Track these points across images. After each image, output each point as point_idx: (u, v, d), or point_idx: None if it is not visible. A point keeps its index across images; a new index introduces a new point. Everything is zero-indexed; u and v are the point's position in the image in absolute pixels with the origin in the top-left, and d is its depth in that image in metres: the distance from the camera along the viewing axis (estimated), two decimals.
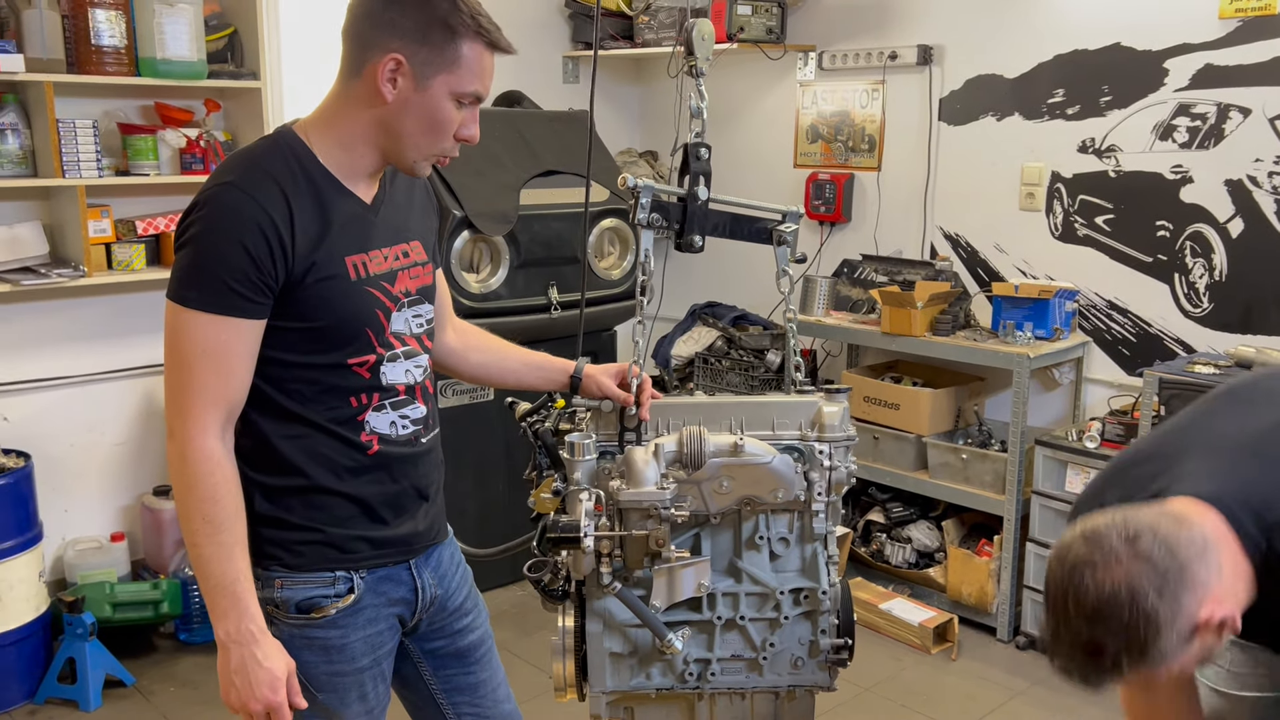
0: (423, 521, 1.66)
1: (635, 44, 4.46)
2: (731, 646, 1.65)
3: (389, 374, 1.57)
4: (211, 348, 1.43)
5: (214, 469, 1.44)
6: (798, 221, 1.79)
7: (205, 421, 1.44)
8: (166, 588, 3.33)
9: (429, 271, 1.66)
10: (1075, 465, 3.26)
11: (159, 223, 3.46)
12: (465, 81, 1.47)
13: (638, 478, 1.51)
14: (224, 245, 1.41)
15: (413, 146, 1.50)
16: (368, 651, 1.61)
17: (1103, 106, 3.47)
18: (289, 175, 1.47)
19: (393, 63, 1.45)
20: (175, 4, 3.24)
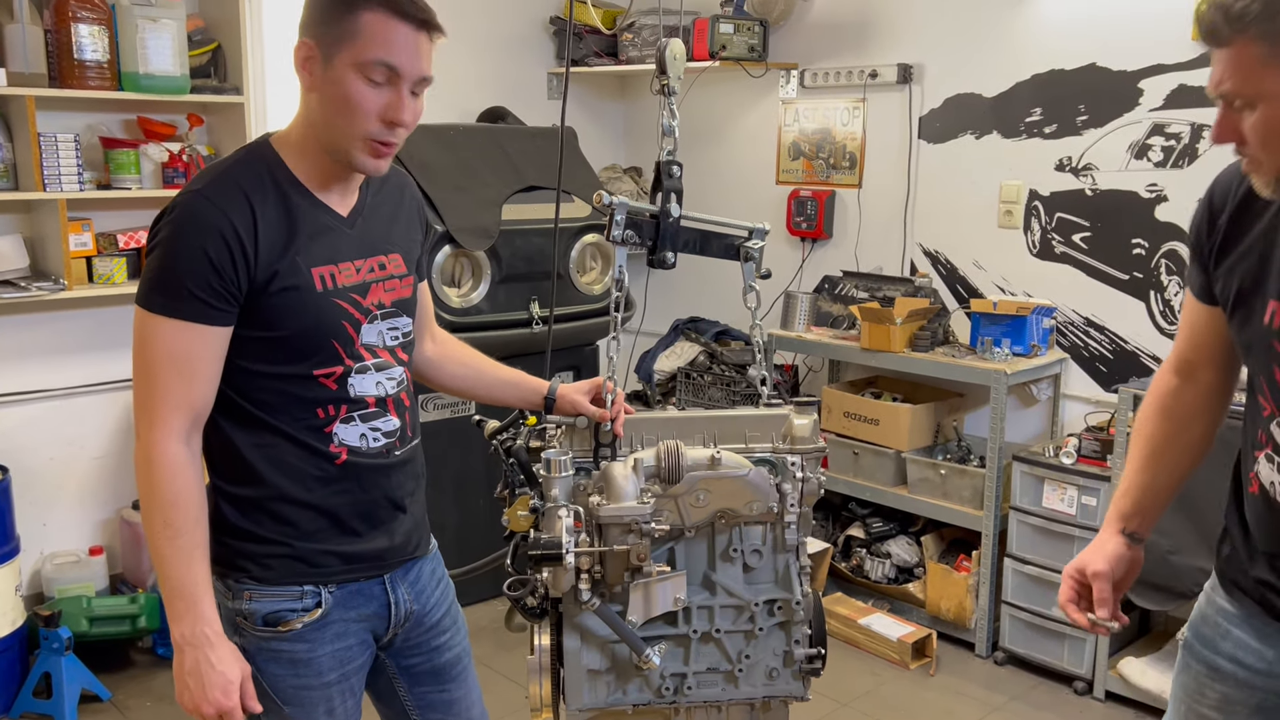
0: (398, 535, 1.65)
1: (619, 61, 4.49)
2: (707, 659, 1.66)
3: (357, 386, 1.57)
4: (175, 353, 1.44)
5: (176, 474, 1.45)
6: (764, 238, 1.81)
7: (170, 426, 1.45)
8: (145, 602, 3.31)
9: (409, 284, 1.65)
10: (1052, 481, 3.28)
11: (140, 236, 3.46)
12: (367, 50, 1.42)
13: (618, 493, 1.52)
14: (187, 252, 1.42)
15: (336, 132, 1.47)
16: (335, 666, 1.60)
17: (1079, 126, 3.52)
18: (257, 185, 1.48)
19: (304, 48, 1.46)
20: (158, 19, 3.25)
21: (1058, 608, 1.63)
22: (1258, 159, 1.27)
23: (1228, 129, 1.27)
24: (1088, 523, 3.21)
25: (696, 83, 4.40)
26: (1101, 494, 3.17)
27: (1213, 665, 1.54)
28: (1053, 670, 3.37)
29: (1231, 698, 1.52)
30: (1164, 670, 3.13)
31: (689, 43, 4.12)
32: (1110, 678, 3.23)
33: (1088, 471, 3.21)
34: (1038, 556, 3.35)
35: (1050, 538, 3.31)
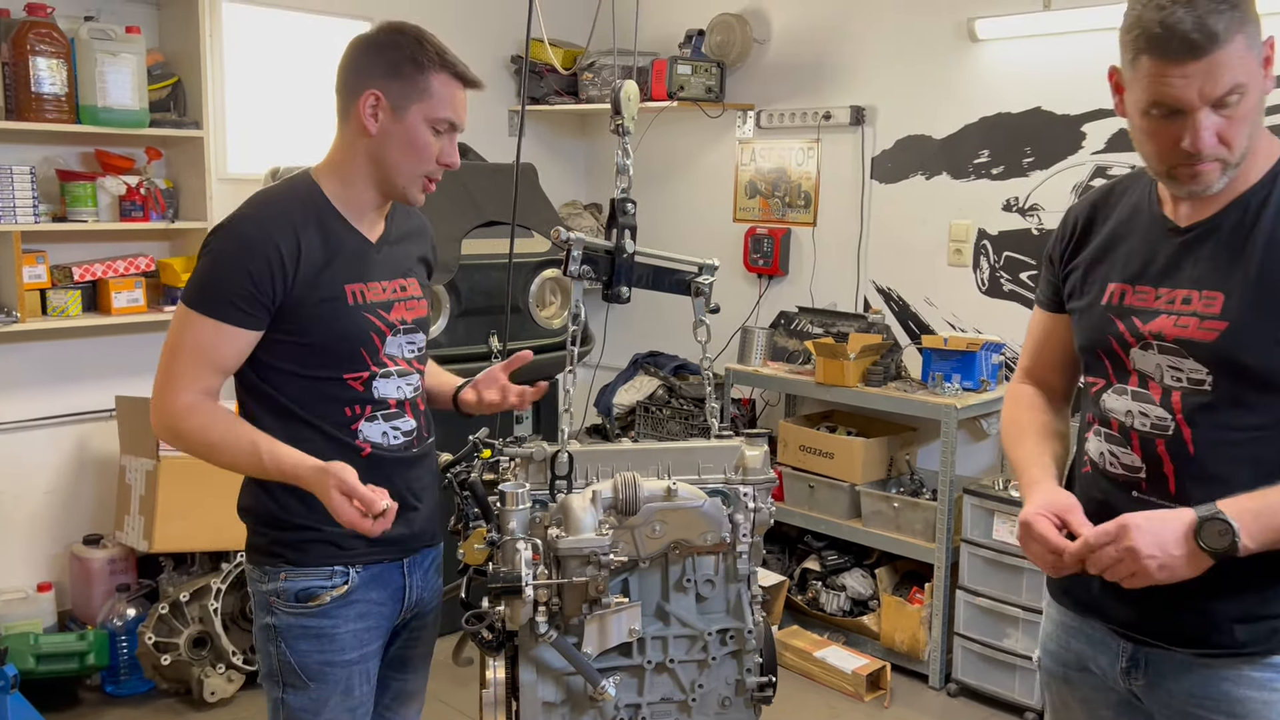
0: (416, 523, 1.82)
1: (579, 100, 4.56)
2: (661, 689, 1.67)
3: (381, 388, 1.76)
4: (200, 344, 1.65)
5: (192, 410, 1.65)
6: (713, 274, 1.86)
7: (181, 391, 1.65)
8: (94, 639, 3.26)
9: (424, 306, 1.86)
10: (1002, 514, 3.34)
11: (96, 269, 3.45)
12: (437, 109, 1.70)
13: (577, 525, 1.53)
14: (231, 265, 1.65)
15: (399, 172, 1.72)
16: (356, 646, 1.75)
17: (1025, 167, 3.62)
18: (301, 212, 1.70)
19: (372, 98, 1.68)
20: (118, 53, 3.27)
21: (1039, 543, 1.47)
22: (1228, 151, 1.37)
23: (1211, 130, 1.36)
24: None
25: (655, 122, 4.48)
26: None
27: (1064, 678, 1.64)
28: (1004, 701, 3.41)
29: (1092, 700, 1.60)
30: None
31: (647, 83, 4.20)
32: None
33: None
34: (989, 588, 3.40)
35: (1000, 570, 3.37)
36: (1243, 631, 1.42)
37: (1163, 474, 1.46)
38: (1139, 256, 1.52)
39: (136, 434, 3.41)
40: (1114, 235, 1.57)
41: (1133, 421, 1.49)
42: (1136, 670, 1.52)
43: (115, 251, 3.55)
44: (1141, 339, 1.48)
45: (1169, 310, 1.46)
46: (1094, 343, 1.55)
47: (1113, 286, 1.53)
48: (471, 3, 4.44)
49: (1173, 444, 1.45)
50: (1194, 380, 1.43)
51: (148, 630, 3.23)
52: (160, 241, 3.70)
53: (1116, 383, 1.52)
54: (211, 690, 3.25)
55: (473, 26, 4.43)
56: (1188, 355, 1.43)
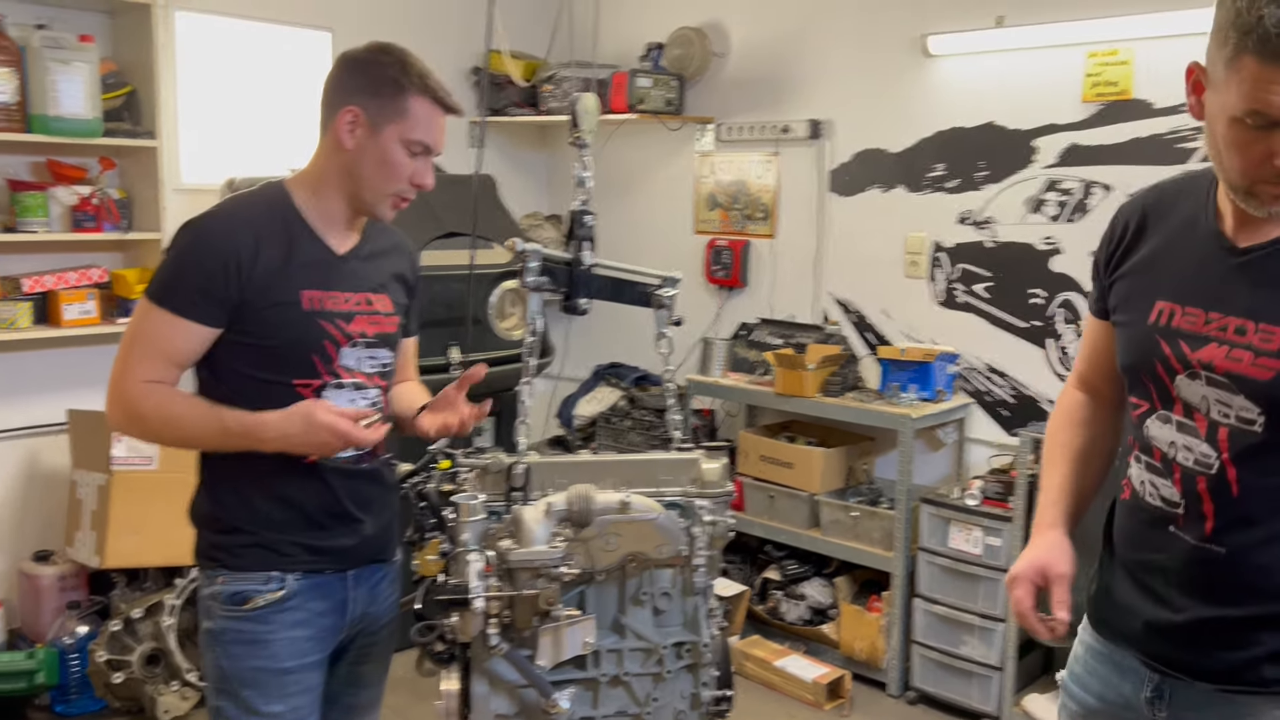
0: (363, 535, 1.81)
1: (539, 111, 4.56)
2: (616, 703, 1.67)
3: (332, 399, 1.74)
4: (158, 335, 1.68)
5: (149, 390, 1.67)
6: (675, 287, 1.88)
7: (136, 377, 1.68)
8: (43, 657, 3.20)
9: (393, 322, 1.85)
10: (958, 523, 3.39)
11: (47, 280, 3.39)
12: (413, 130, 1.72)
13: (529, 537, 1.54)
14: (189, 261, 1.68)
15: (369, 188, 1.74)
16: (293, 655, 1.74)
17: (979, 181, 3.68)
18: (266, 218, 1.73)
19: (350, 115, 1.71)
20: (70, 62, 3.22)
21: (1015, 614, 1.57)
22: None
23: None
24: (993, 563, 3.31)
25: (616, 134, 4.49)
26: (1005, 534, 3.28)
27: (1083, 703, 1.60)
28: (962, 708, 3.45)
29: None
30: None
31: (607, 95, 4.21)
32: (1015, 714, 3.32)
33: (992, 513, 3.32)
34: (945, 596, 3.44)
35: (957, 577, 3.41)
36: (1271, 670, 1.38)
37: (1202, 513, 1.39)
38: (1190, 274, 1.41)
39: (88, 448, 3.35)
40: (1165, 247, 1.46)
41: (1175, 454, 1.41)
42: (1160, 701, 1.47)
43: (67, 263, 3.50)
44: (1189, 367, 1.38)
45: (1220, 339, 1.36)
46: (1138, 364, 1.46)
47: (1161, 305, 1.43)
48: (431, 14, 4.43)
49: (1215, 483, 1.37)
50: (1243, 419, 1.34)
51: (99, 648, 3.17)
52: (113, 252, 3.64)
53: (1160, 409, 1.44)
54: (165, 708, 3.19)
55: (432, 37, 4.42)
56: (1239, 391, 1.34)
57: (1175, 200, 1.48)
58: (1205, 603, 1.40)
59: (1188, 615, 1.42)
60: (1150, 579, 1.47)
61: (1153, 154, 3.29)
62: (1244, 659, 1.39)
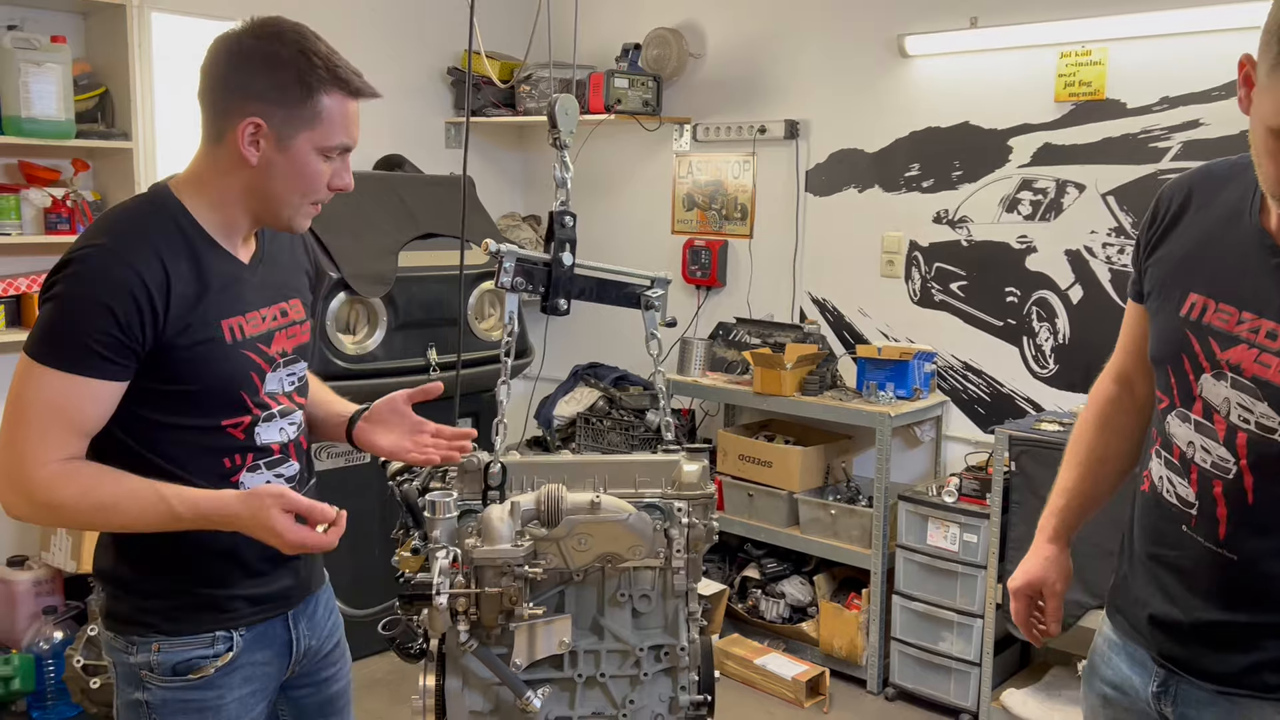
0: (303, 571, 1.68)
1: (517, 112, 4.56)
2: (592, 704, 1.66)
3: (263, 434, 1.58)
4: (61, 404, 1.40)
5: (61, 477, 1.41)
6: (665, 287, 1.88)
7: (44, 462, 1.41)
8: (18, 663, 3.17)
9: (306, 329, 1.67)
10: (935, 519, 3.41)
11: (20, 283, 3.36)
12: (329, 136, 1.48)
13: (493, 535, 1.53)
14: (89, 307, 1.39)
15: (285, 205, 1.51)
16: (241, 713, 1.59)
17: (954, 180, 3.71)
18: (165, 238, 1.46)
19: (251, 127, 1.45)
20: (43, 63, 3.20)
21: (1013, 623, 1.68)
22: None
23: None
24: (970, 559, 3.34)
25: (593, 135, 4.50)
26: (982, 531, 3.31)
27: (1101, 694, 1.61)
28: (940, 704, 3.47)
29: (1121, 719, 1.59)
30: (1043, 700, 3.26)
31: (585, 96, 4.22)
32: (993, 709, 3.34)
33: (969, 510, 3.35)
34: (924, 593, 3.47)
35: (935, 574, 3.44)
36: (1273, 677, 1.39)
37: (1215, 517, 1.38)
38: (1228, 269, 1.37)
39: None
40: (1205, 235, 1.42)
41: (1194, 454, 1.40)
42: (1166, 696, 1.48)
43: (41, 265, 3.47)
44: (1216, 366, 1.36)
45: (1251, 340, 1.32)
46: (1165, 357, 1.44)
47: (1194, 297, 1.39)
48: (406, 15, 4.42)
49: (1231, 488, 1.36)
50: (1264, 426, 1.31)
51: (76, 653, 3.15)
52: None
53: (1180, 406, 1.42)
54: None
55: (410, 38, 4.41)
56: (1263, 398, 1.31)
57: (1223, 186, 1.43)
58: (1213, 605, 1.40)
59: (1195, 616, 1.42)
60: (1163, 575, 1.47)
61: (1125, 153, 3.33)
62: (1247, 663, 1.39)
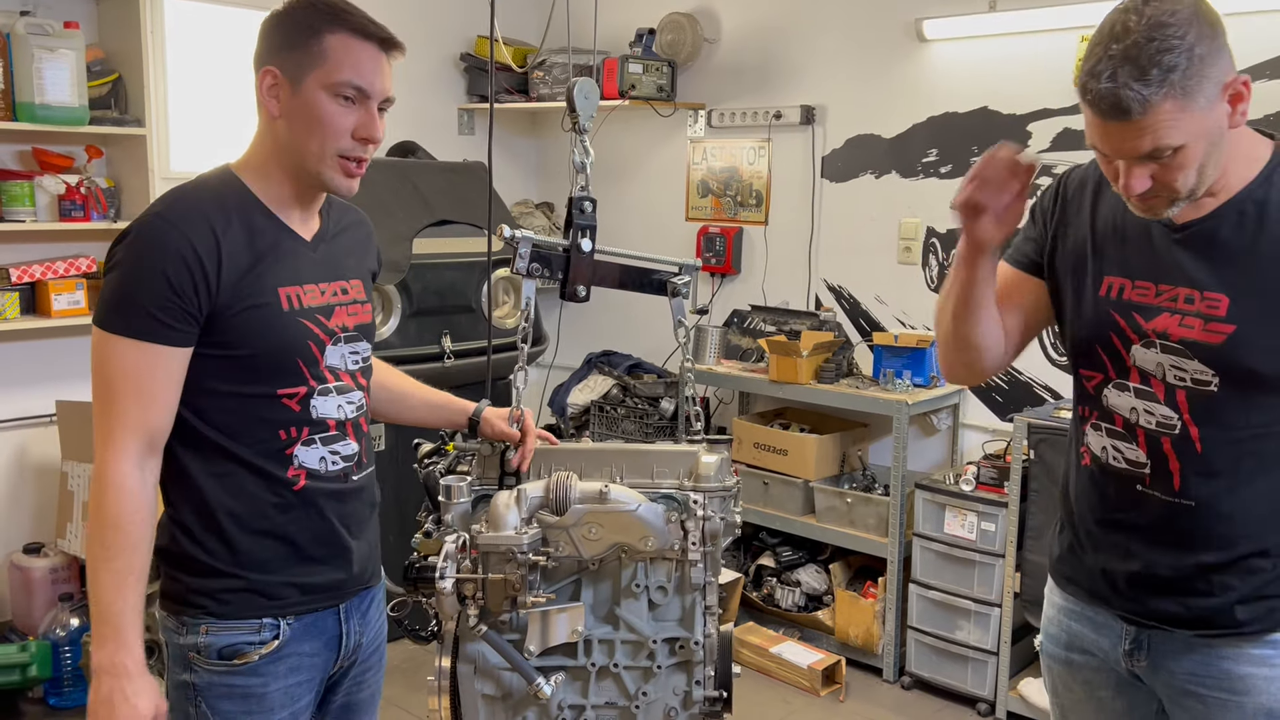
0: (356, 564, 1.67)
1: (530, 98, 4.54)
2: (606, 694, 1.64)
3: (320, 408, 1.58)
4: (132, 373, 1.45)
5: (123, 496, 1.45)
6: (694, 274, 1.85)
7: (123, 447, 1.45)
8: (36, 650, 3.18)
9: (369, 310, 1.69)
10: (953, 508, 3.39)
11: (35, 270, 3.36)
12: (335, 72, 1.49)
13: (497, 521, 1.51)
14: (147, 274, 1.45)
15: (307, 154, 1.52)
16: (286, 704, 1.59)
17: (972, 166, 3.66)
18: (217, 207, 1.51)
19: (269, 77, 1.51)
20: (56, 49, 3.18)
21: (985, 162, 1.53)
22: (1169, 189, 1.39)
23: (1144, 178, 1.38)
24: (988, 548, 3.32)
25: (607, 121, 4.47)
26: (999, 519, 3.29)
27: (1066, 661, 1.68)
28: (957, 693, 3.46)
29: (1093, 681, 1.65)
30: None
31: (599, 82, 4.19)
32: (1011, 699, 3.33)
33: (986, 498, 3.33)
34: (941, 582, 3.45)
35: (952, 563, 3.41)
36: (1243, 611, 1.47)
37: (1168, 470, 1.48)
38: (1136, 251, 1.52)
39: (78, 439, 3.32)
40: (1108, 226, 1.56)
41: (1138, 419, 1.50)
42: (1139, 652, 1.56)
43: (55, 252, 3.47)
44: (1144, 336, 1.49)
45: (1171, 308, 1.46)
46: (1092, 338, 1.55)
47: (1110, 280, 1.53)
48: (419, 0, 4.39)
49: (1179, 442, 1.47)
50: (1199, 380, 1.44)
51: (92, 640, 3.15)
52: (102, 242, 3.61)
53: (1116, 378, 1.53)
54: None
55: (423, 24, 4.39)
56: (1193, 356, 1.44)
57: None
58: (1178, 553, 1.50)
59: (1162, 567, 1.51)
60: (1120, 537, 1.55)
61: None
62: (1218, 604, 1.49)
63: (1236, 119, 1.39)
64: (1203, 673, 1.51)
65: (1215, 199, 1.45)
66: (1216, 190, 1.44)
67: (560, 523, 1.54)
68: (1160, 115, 1.32)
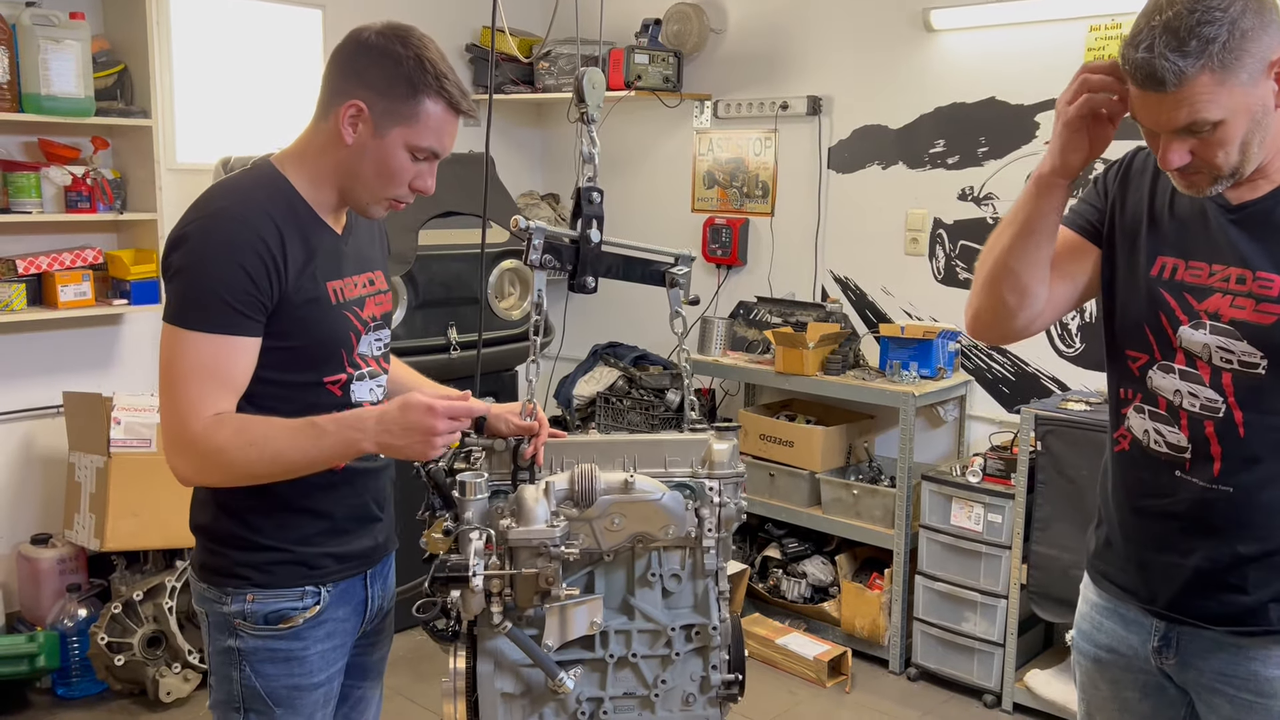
0: (381, 533, 1.78)
1: (536, 89, 4.53)
2: (624, 684, 1.65)
3: (357, 392, 1.68)
4: (211, 364, 1.50)
5: (220, 422, 1.50)
6: (690, 265, 1.85)
7: (196, 415, 1.50)
8: (44, 640, 3.19)
9: (389, 299, 1.79)
10: (959, 499, 3.38)
11: (41, 261, 3.36)
12: (421, 137, 1.57)
13: (528, 516, 1.52)
14: (224, 267, 1.50)
15: (366, 190, 1.61)
16: (324, 666, 1.69)
17: (980, 157, 3.66)
18: (274, 204, 1.58)
19: (354, 109, 1.56)
20: (62, 40, 3.18)
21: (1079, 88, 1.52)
22: (1210, 166, 1.38)
23: (1183, 153, 1.38)
24: (994, 539, 3.31)
25: (613, 112, 4.45)
26: (1006, 511, 3.28)
27: (1095, 659, 1.68)
28: (963, 684, 3.46)
29: (1120, 681, 1.65)
30: (1068, 681, 3.23)
31: (604, 72, 4.17)
32: (1017, 690, 3.33)
33: (993, 490, 3.32)
34: (947, 573, 3.45)
35: (959, 555, 3.41)
36: (1277, 610, 1.46)
37: (1209, 455, 1.47)
38: (1191, 231, 1.51)
39: (85, 430, 3.33)
40: (1165, 205, 1.54)
41: (1181, 401, 1.49)
42: (1168, 649, 1.55)
43: (61, 244, 3.47)
44: (1194, 317, 1.47)
45: (1224, 289, 1.45)
46: (1142, 316, 1.53)
47: (1163, 259, 1.51)
48: None
49: (1222, 426, 1.46)
50: (1246, 363, 1.43)
51: (100, 630, 3.16)
52: (108, 233, 3.61)
53: (1161, 360, 1.51)
54: (167, 690, 3.19)
55: (428, 14, 4.37)
56: (1242, 337, 1.43)
57: None
58: (1214, 542, 1.48)
59: (1197, 558, 1.49)
60: (1155, 524, 1.54)
61: None
62: (1251, 602, 1.47)
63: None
64: (1230, 672, 1.50)
65: (1270, 180, 1.43)
66: (1271, 171, 1.42)
67: (585, 515, 1.54)
68: (1197, 88, 1.31)
